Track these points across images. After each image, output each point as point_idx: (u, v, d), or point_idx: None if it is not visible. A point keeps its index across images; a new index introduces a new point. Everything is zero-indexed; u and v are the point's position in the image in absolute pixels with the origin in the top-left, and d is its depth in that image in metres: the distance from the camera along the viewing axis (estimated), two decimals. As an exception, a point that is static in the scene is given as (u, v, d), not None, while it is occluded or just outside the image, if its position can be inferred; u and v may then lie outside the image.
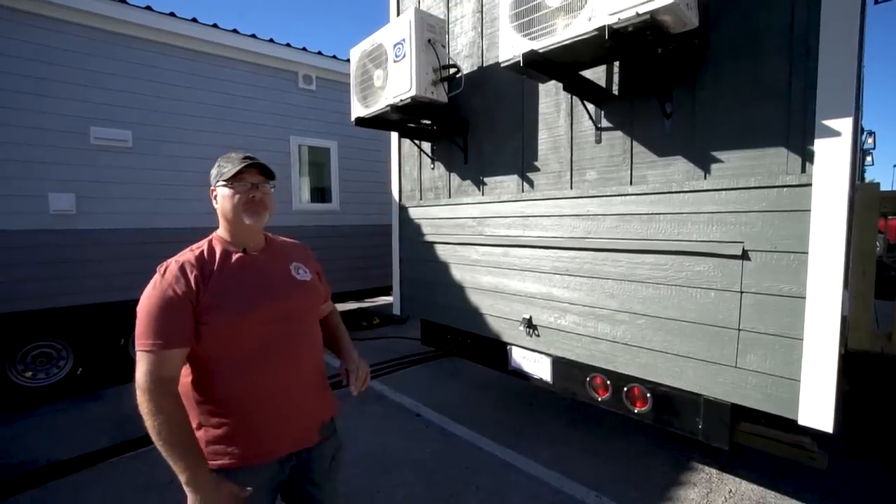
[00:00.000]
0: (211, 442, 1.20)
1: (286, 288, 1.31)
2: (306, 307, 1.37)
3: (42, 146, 3.83)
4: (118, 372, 4.22)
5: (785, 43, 1.62)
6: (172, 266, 1.18)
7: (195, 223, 4.59)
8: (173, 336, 1.11)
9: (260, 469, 1.23)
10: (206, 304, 1.15)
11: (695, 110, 1.90)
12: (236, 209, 1.25)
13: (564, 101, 2.37)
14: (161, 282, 1.15)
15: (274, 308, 1.24)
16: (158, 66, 4.35)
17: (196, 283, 1.16)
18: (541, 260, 2.51)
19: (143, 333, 1.11)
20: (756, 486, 2.49)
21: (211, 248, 1.27)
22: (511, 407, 3.62)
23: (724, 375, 1.86)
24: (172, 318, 1.11)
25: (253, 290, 1.23)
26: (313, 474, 1.34)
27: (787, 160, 1.66)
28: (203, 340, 1.16)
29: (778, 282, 1.69)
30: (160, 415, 1.06)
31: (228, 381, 1.18)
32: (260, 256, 1.32)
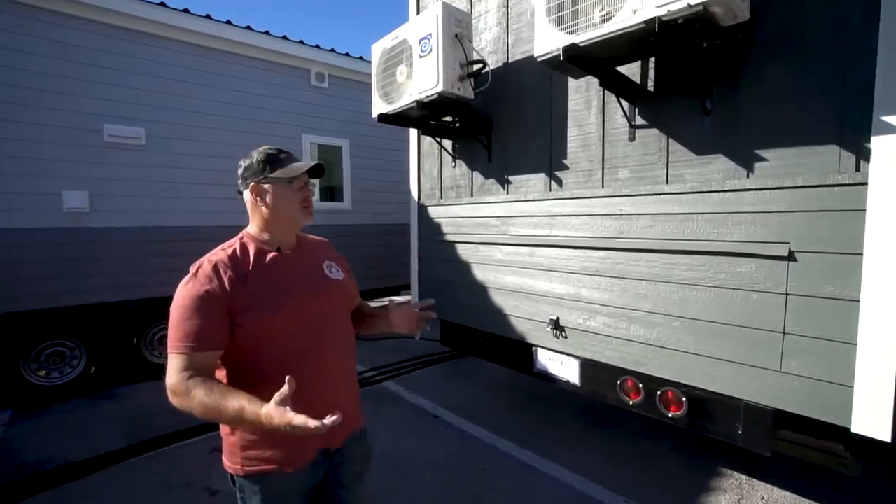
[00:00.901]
0: (246, 447, 1.17)
1: (321, 287, 1.28)
2: (340, 306, 1.35)
3: (56, 143, 3.80)
4: (131, 371, 4.19)
5: (840, 36, 1.56)
6: (206, 265, 1.14)
7: (208, 221, 4.56)
8: (207, 338, 1.08)
9: (295, 473, 1.19)
10: (242, 306, 1.11)
11: (738, 107, 1.84)
12: (294, 209, 1.23)
13: (596, 97, 2.32)
14: (194, 281, 1.12)
15: (309, 307, 1.21)
16: (172, 63, 4.31)
17: (231, 284, 1.12)
18: (569, 260, 2.46)
19: (175, 334, 1.08)
20: (789, 493, 2.43)
21: (243, 247, 1.22)
22: (528, 408, 3.57)
23: (766, 380, 1.80)
24: (206, 320, 1.08)
25: (288, 290, 1.19)
26: (343, 477, 1.31)
27: (840, 158, 1.60)
28: (237, 342, 1.12)
29: (828, 284, 1.63)
30: (202, 401, 1.01)
31: (262, 382, 1.12)
32: (293, 255, 1.28)
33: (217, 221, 4.61)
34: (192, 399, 1.01)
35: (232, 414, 0.98)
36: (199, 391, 1.01)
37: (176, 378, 1.04)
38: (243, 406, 0.97)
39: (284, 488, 1.20)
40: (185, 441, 3.10)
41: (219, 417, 1.03)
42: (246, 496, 1.20)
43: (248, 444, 1.16)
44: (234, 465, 1.19)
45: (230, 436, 1.19)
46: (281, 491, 1.20)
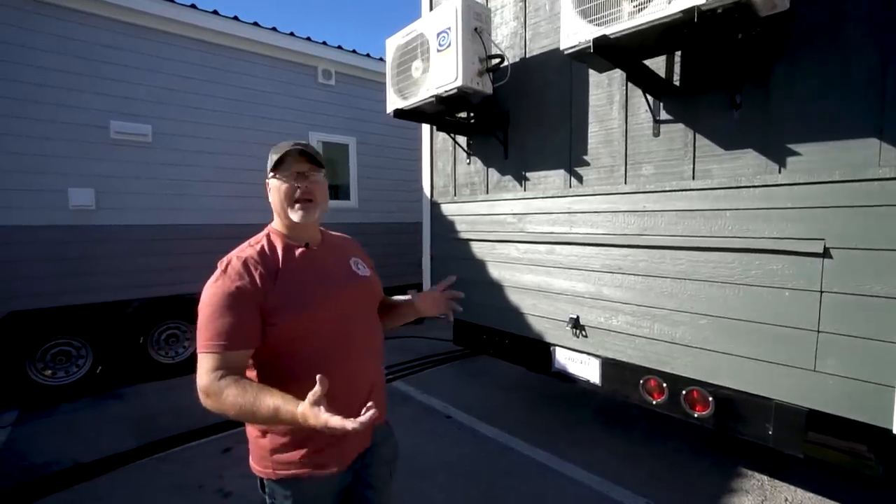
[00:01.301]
0: (277, 450, 1.14)
1: (349, 284, 1.25)
2: (368, 303, 1.32)
3: (62, 140, 3.75)
4: (137, 371, 4.14)
5: (881, 26, 1.53)
6: (235, 262, 1.10)
7: (215, 220, 4.51)
8: (239, 337, 1.04)
9: (326, 477, 1.16)
10: (274, 305, 1.08)
11: (769, 101, 1.80)
12: (282, 203, 1.17)
13: (618, 92, 2.28)
14: (224, 278, 1.08)
15: (339, 305, 1.18)
16: (179, 60, 4.26)
17: (262, 282, 1.08)
18: (590, 258, 2.42)
19: (205, 333, 1.04)
20: (813, 494, 2.40)
21: (270, 243, 1.19)
22: (541, 409, 3.53)
23: (799, 379, 1.76)
24: (238, 318, 1.04)
25: (319, 288, 1.16)
26: (372, 479, 1.28)
27: (881, 152, 1.56)
28: (269, 340, 1.08)
29: (867, 282, 1.59)
30: (235, 402, 0.97)
31: (296, 379, 1.09)
32: (321, 252, 1.25)
33: (223, 220, 4.57)
34: (225, 400, 0.97)
35: (267, 414, 0.94)
36: (232, 391, 0.97)
37: (207, 379, 1.00)
38: (278, 406, 0.93)
39: (316, 492, 1.17)
40: (194, 442, 3.05)
41: (253, 418, 0.99)
42: (277, 501, 1.17)
43: (278, 447, 1.13)
44: (265, 470, 1.15)
45: (260, 439, 1.16)
46: (312, 495, 1.17)
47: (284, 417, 0.92)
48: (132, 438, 3.08)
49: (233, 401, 0.96)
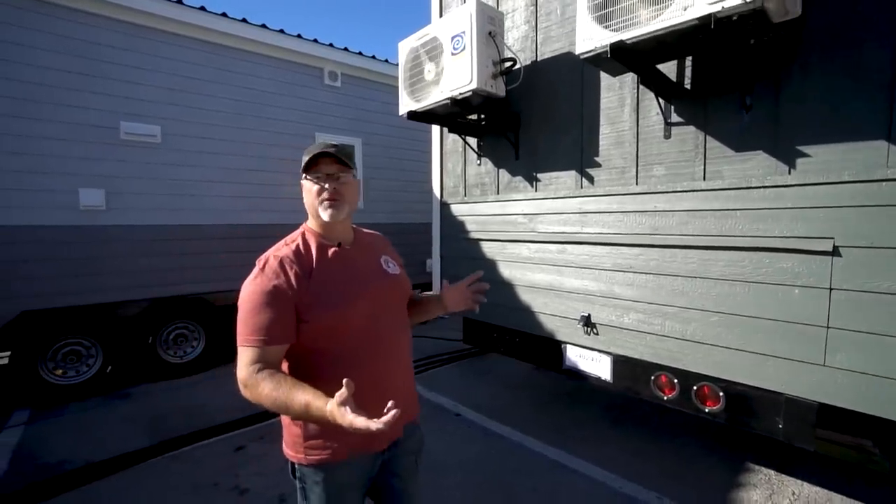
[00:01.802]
0: (309, 437, 1.18)
1: (380, 282, 1.29)
2: (398, 300, 1.36)
3: (73, 141, 3.78)
4: (146, 370, 4.16)
5: (890, 32, 1.58)
6: (272, 261, 1.15)
7: (224, 220, 4.54)
8: (276, 332, 1.09)
9: (356, 464, 1.21)
10: (308, 303, 1.12)
11: (779, 103, 1.86)
12: (313, 203, 1.21)
13: (629, 95, 2.33)
14: (262, 276, 1.13)
15: (370, 303, 1.22)
16: (188, 61, 4.29)
17: (297, 281, 1.13)
18: (601, 257, 2.47)
19: (245, 328, 1.09)
20: (819, 488, 2.45)
21: (305, 242, 1.23)
22: (550, 406, 3.57)
23: (809, 374, 1.81)
24: (276, 314, 1.09)
25: (351, 286, 1.20)
26: (398, 468, 1.33)
27: (889, 153, 1.62)
28: (302, 336, 1.13)
29: (876, 278, 1.64)
30: (269, 395, 1.03)
31: (326, 375, 1.14)
32: (353, 251, 1.29)
33: (231, 220, 4.60)
34: (262, 392, 1.03)
35: (298, 409, 1.00)
36: (268, 385, 1.03)
37: (246, 371, 1.06)
38: (309, 402, 0.98)
39: (345, 479, 1.21)
40: (205, 441, 3.08)
41: (287, 411, 1.03)
42: (307, 486, 1.21)
43: (311, 434, 1.17)
44: (297, 455, 1.20)
45: (293, 426, 1.20)
46: (342, 481, 1.21)
47: (314, 413, 0.97)
48: (143, 438, 3.10)
49: (268, 394, 1.02)
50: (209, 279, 4.45)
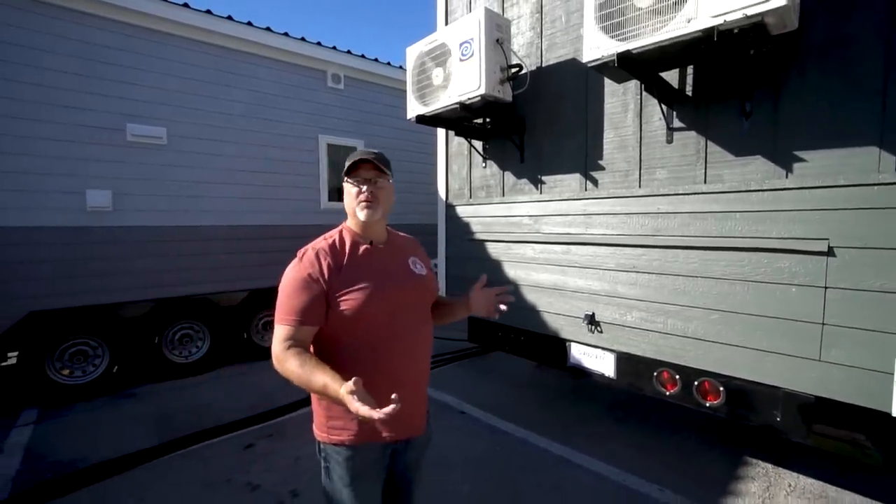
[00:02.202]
0: (332, 417, 1.29)
1: (406, 281, 1.37)
2: (421, 299, 1.43)
3: (80, 143, 3.81)
4: (152, 370, 4.19)
5: (882, 44, 1.68)
6: (310, 252, 1.27)
7: (229, 221, 4.58)
8: (306, 315, 1.20)
9: (371, 449, 1.31)
10: (337, 291, 1.23)
11: (778, 110, 1.95)
12: (352, 204, 1.32)
13: (633, 101, 2.42)
14: (299, 266, 1.25)
15: (394, 298, 1.30)
16: (194, 64, 4.34)
17: (329, 272, 1.24)
18: (605, 257, 2.55)
19: (282, 309, 1.22)
20: (815, 480, 2.54)
21: (342, 238, 1.33)
22: (553, 404, 3.65)
23: (806, 369, 1.90)
24: (309, 299, 1.21)
25: (378, 281, 1.28)
26: (408, 460, 1.43)
27: (881, 159, 1.71)
28: (330, 322, 1.24)
29: (868, 278, 1.73)
30: (294, 371, 1.14)
31: (350, 362, 1.24)
32: (384, 249, 1.38)
33: (236, 221, 4.64)
34: (288, 367, 1.15)
35: (317, 388, 1.12)
36: (295, 362, 1.14)
37: (279, 347, 1.19)
38: (327, 383, 1.09)
39: (363, 462, 1.31)
40: (215, 439, 3.12)
41: (308, 388, 1.15)
42: (331, 465, 1.32)
43: (334, 415, 1.28)
44: (321, 433, 1.32)
45: (318, 407, 1.32)
46: (360, 464, 1.30)
47: (331, 394, 1.09)
48: (152, 436, 3.14)
49: (293, 370, 1.14)
50: (214, 280, 4.49)
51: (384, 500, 1.44)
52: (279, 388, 4.01)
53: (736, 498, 2.42)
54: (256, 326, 4.82)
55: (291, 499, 2.45)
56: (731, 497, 2.42)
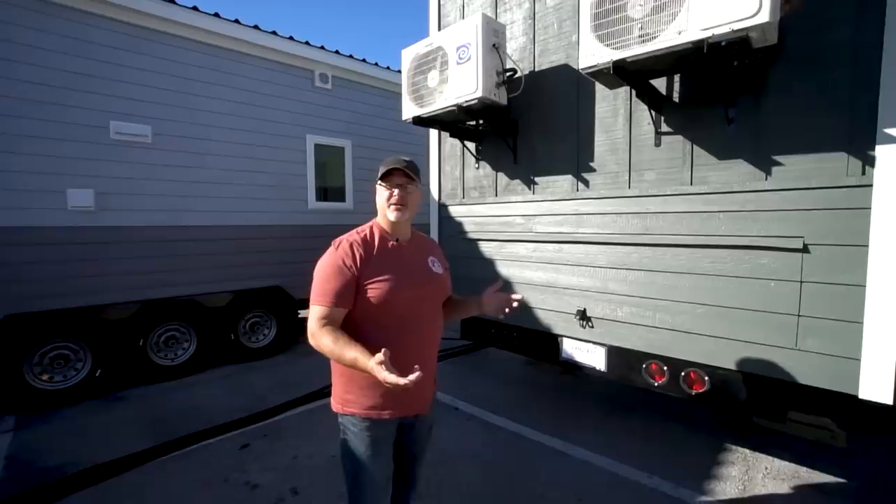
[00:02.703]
0: (348, 391, 1.46)
1: (425, 277, 1.53)
2: (437, 295, 1.58)
3: (61, 140, 3.70)
4: (138, 374, 4.10)
5: (850, 59, 1.83)
6: (344, 243, 1.43)
7: (215, 221, 4.52)
8: (339, 297, 1.36)
9: (385, 423, 1.46)
10: (366, 279, 1.38)
11: (758, 118, 2.09)
12: (383, 205, 1.47)
13: (623, 106, 2.54)
14: (335, 254, 1.41)
15: (414, 292, 1.46)
16: (179, 61, 4.26)
17: (360, 261, 1.39)
18: (596, 255, 2.66)
19: (318, 291, 1.38)
20: (788, 462, 2.72)
21: (372, 233, 1.49)
22: (545, 399, 3.76)
23: (784, 357, 2.05)
24: (341, 284, 1.36)
25: (401, 275, 1.43)
26: (416, 436, 1.61)
27: (849, 164, 1.86)
28: (357, 307, 1.39)
29: (838, 272, 1.89)
30: (328, 346, 1.31)
31: (370, 343, 1.35)
32: (408, 247, 1.53)
33: (226, 221, 4.58)
34: (322, 342, 1.32)
35: (347, 361, 1.28)
36: (329, 338, 1.31)
37: (316, 324, 1.35)
38: (357, 357, 1.26)
39: (375, 432, 1.46)
40: (210, 440, 3.10)
41: (339, 360, 1.33)
42: (348, 437, 1.48)
43: (350, 390, 1.45)
44: (338, 405, 1.49)
45: (338, 382, 1.49)
46: (374, 432, 1.46)
47: (361, 367, 1.25)
48: (146, 439, 3.09)
49: (327, 344, 1.31)
50: (200, 281, 4.42)
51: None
52: (269, 389, 4.00)
53: (718, 481, 2.57)
54: (244, 327, 4.77)
55: (292, 496, 2.47)
56: (714, 480, 2.57)
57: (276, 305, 4.95)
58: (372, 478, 1.48)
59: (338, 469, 2.67)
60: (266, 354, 4.83)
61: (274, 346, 4.92)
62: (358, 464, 1.46)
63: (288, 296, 4.98)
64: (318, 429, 3.24)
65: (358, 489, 1.49)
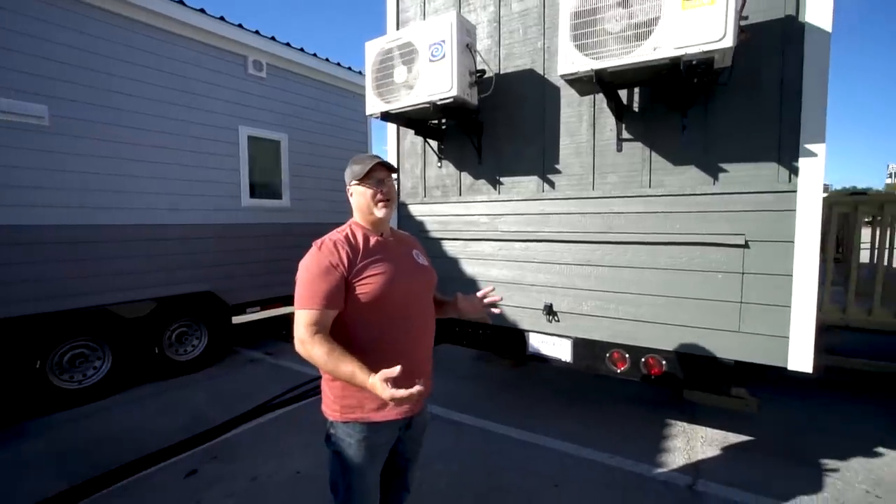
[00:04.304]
0: (347, 396, 1.36)
1: (415, 270, 1.50)
2: (427, 288, 1.55)
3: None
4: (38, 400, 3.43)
5: (779, 84, 2.16)
6: (328, 242, 1.35)
7: (136, 219, 3.96)
8: (328, 300, 1.28)
9: (384, 426, 1.40)
10: (356, 277, 1.32)
11: (707, 131, 2.37)
12: (368, 203, 1.42)
13: (587, 112, 2.71)
14: (319, 255, 1.32)
15: (407, 286, 1.42)
16: (86, 33, 3.65)
17: (347, 259, 1.32)
18: (562, 253, 2.81)
19: (305, 294, 1.28)
20: (717, 430, 3.13)
21: (353, 232, 1.43)
22: (503, 394, 3.87)
23: (729, 339, 2.35)
24: (330, 285, 1.28)
25: (393, 268, 1.39)
26: (408, 440, 1.55)
27: (778, 172, 2.19)
28: (347, 307, 1.32)
29: (772, 264, 2.22)
30: (321, 358, 1.24)
31: (364, 345, 1.33)
32: (393, 241, 1.50)
33: (145, 219, 4.03)
34: (313, 353, 1.24)
35: (344, 376, 1.23)
36: (321, 349, 1.24)
37: (304, 331, 1.26)
38: (354, 371, 1.21)
39: (380, 437, 1.40)
40: (144, 471, 2.71)
41: (332, 374, 1.28)
42: (343, 447, 1.39)
43: (348, 394, 1.36)
44: (334, 413, 1.39)
45: (331, 390, 1.39)
46: (376, 439, 1.39)
47: (357, 382, 1.21)
48: (59, 480, 2.60)
49: (318, 356, 1.24)
50: (115, 288, 3.83)
51: (384, 479, 1.54)
52: (208, 405, 3.61)
53: (667, 453, 2.87)
54: (170, 339, 4.23)
55: (262, 521, 2.26)
56: (663, 452, 2.87)
57: (207, 312, 4.46)
58: (368, 489, 1.43)
59: (307, 484, 2.53)
60: (197, 367, 4.33)
61: (205, 357, 4.43)
62: (354, 475, 1.39)
63: (220, 301, 4.52)
64: (275, 444, 3.00)
65: (352, 501, 1.41)
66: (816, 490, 2.47)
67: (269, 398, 3.67)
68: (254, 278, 4.87)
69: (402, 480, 1.63)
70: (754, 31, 2.17)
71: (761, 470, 2.66)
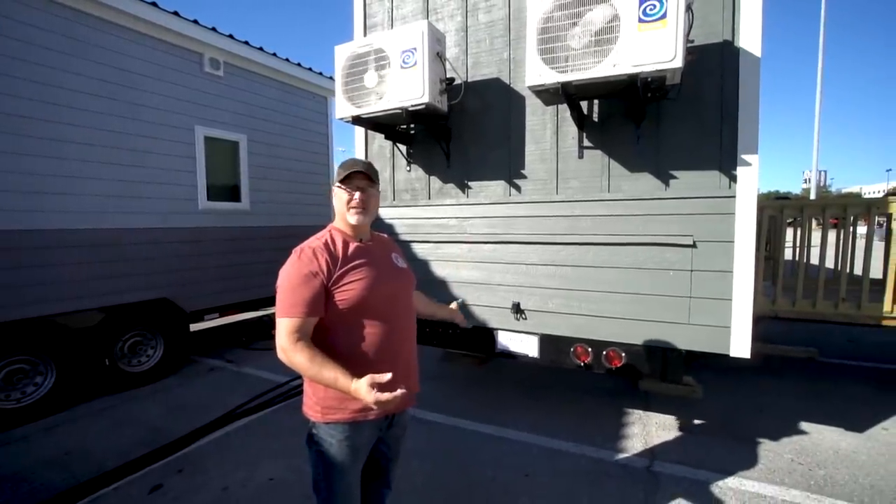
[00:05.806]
0: (329, 398, 1.38)
1: (395, 273, 1.55)
2: (408, 290, 1.62)
3: None
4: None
5: (719, 101, 2.41)
6: (307, 250, 1.37)
7: (83, 223, 3.71)
8: (313, 306, 1.31)
9: (366, 426, 1.43)
10: (336, 283, 1.35)
11: (658, 141, 2.59)
12: (343, 208, 1.46)
13: (550, 120, 2.87)
14: (298, 262, 1.34)
15: (388, 289, 1.47)
16: (32, 24, 3.39)
17: (327, 266, 1.34)
18: (528, 254, 2.96)
19: (286, 301, 1.31)
20: (669, 415, 3.40)
21: (332, 237, 1.44)
22: (468, 391, 3.98)
23: (680, 331, 2.58)
24: (309, 292, 1.31)
25: (374, 273, 1.43)
26: (389, 439, 1.60)
27: (720, 180, 2.44)
28: (329, 312, 1.35)
29: (715, 262, 2.46)
30: (303, 364, 1.27)
31: (347, 348, 1.37)
32: (373, 246, 1.53)
33: (93, 223, 3.78)
34: (295, 360, 1.27)
35: (326, 382, 1.26)
36: (304, 356, 1.26)
37: (286, 339, 1.28)
38: (337, 377, 1.24)
39: (361, 437, 1.44)
40: (103, 490, 2.56)
41: (315, 380, 1.31)
42: (325, 447, 1.41)
43: (330, 396, 1.37)
44: (316, 414, 1.41)
45: (314, 392, 1.41)
46: (358, 439, 1.43)
47: (341, 387, 1.24)
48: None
49: (301, 363, 1.26)
50: (60, 297, 3.57)
51: (365, 477, 1.57)
52: (167, 418, 3.45)
53: (626, 439, 3.08)
54: (121, 350, 3.99)
55: (237, 531, 2.22)
56: (623, 438, 3.08)
57: (163, 321, 4.25)
58: (349, 488, 1.46)
59: (284, 490, 2.50)
60: (152, 378, 4.11)
61: (162, 367, 4.21)
62: (336, 475, 1.42)
63: (177, 308, 4.32)
64: (243, 452, 2.92)
65: (335, 500, 1.44)
66: (753, 462, 2.76)
67: (233, 407, 3.56)
68: (212, 283, 4.68)
69: (383, 478, 1.67)
70: (699, 53, 2.41)
71: (707, 448, 2.93)
